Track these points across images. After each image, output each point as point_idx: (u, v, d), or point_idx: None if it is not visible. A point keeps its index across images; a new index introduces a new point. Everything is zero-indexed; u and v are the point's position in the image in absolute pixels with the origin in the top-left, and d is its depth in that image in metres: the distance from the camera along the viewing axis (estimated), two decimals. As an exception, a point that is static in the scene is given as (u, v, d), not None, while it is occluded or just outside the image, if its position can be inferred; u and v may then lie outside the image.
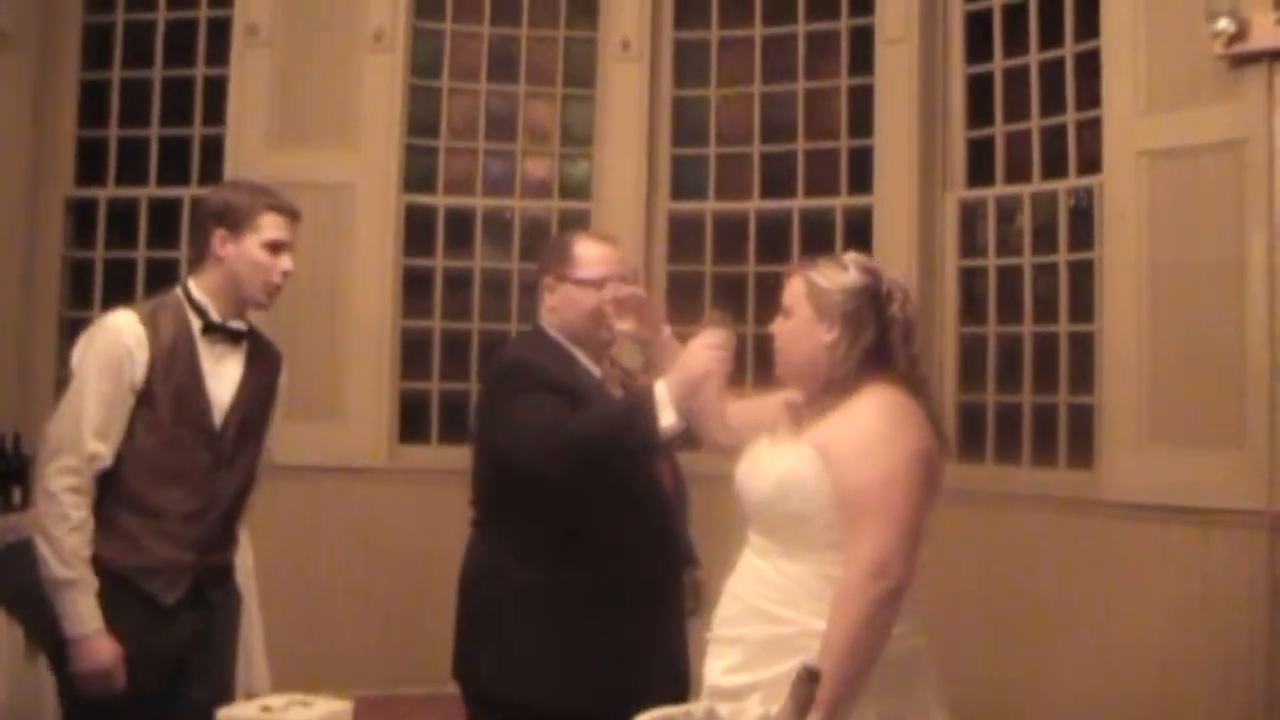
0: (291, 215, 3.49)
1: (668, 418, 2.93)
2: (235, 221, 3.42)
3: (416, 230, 6.86)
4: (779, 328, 2.83)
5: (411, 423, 6.79)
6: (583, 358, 3.29)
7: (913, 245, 6.43)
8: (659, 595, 3.13)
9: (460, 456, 6.19)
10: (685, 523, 3.44)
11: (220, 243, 3.44)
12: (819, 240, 6.69)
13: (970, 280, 6.57)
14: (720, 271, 6.95)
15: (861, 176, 6.68)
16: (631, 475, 3.12)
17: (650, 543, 3.17)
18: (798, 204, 6.94)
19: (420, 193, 6.91)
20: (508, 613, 3.14)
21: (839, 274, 2.77)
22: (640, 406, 2.92)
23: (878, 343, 2.73)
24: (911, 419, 2.66)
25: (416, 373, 6.84)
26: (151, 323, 3.35)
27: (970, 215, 6.60)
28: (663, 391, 2.95)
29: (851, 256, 2.83)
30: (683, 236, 7.05)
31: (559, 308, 3.31)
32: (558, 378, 3.09)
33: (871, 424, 2.62)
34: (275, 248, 3.45)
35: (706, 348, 2.95)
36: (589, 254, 3.33)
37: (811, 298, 2.76)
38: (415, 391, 6.84)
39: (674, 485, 3.41)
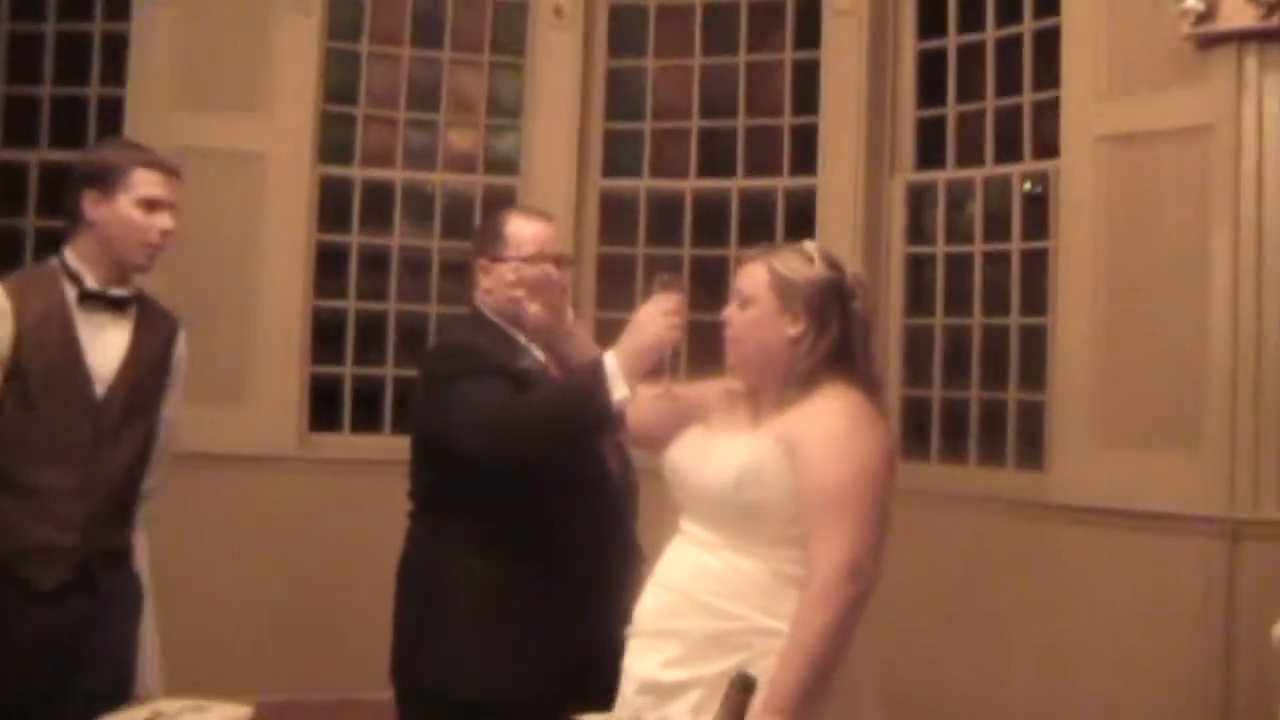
0: (168, 172, 3.44)
1: (620, 390, 2.93)
2: (106, 181, 3.38)
3: (331, 204, 6.84)
4: (736, 317, 2.83)
5: (323, 409, 6.79)
6: (524, 340, 3.30)
7: (858, 230, 6.46)
8: (611, 585, 3.09)
9: (374, 445, 6.58)
10: (635, 511, 3.43)
11: (92, 204, 3.40)
12: (759, 223, 6.71)
13: (917, 268, 6.61)
14: (654, 254, 6.94)
15: (805, 156, 6.71)
16: (584, 459, 3.15)
17: (603, 531, 3.20)
18: (737, 184, 6.96)
19: (336, 164, 6.89)
20: (454, 608, 3.16)
21: (805, 265, 2.80)
22: (591, 380, 2.92)
23: (840, 340, 2.78)
24: (877, 420, 2.74)
25: (329, 356, 6.85)
26: (19, 294, 3.32)
27: (919, 200, 6.64)
28: (613, 363, 2.94)
29: (814, 246, 2.86)
30: (615, 216, 7.08)
31: (494, 289, 3.31)
32: (500, 361, 3.10)
33: (844, 422, 2.68)
34: (151, 205, 3.41)
35: (659, 314, 2.94)
36: (522, 232, 3.33)
37: (776, 288, 2.78)
38: (327, 376, 6.84)
39: (622, 470, 3.39)
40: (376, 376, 6.90)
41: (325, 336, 6.81)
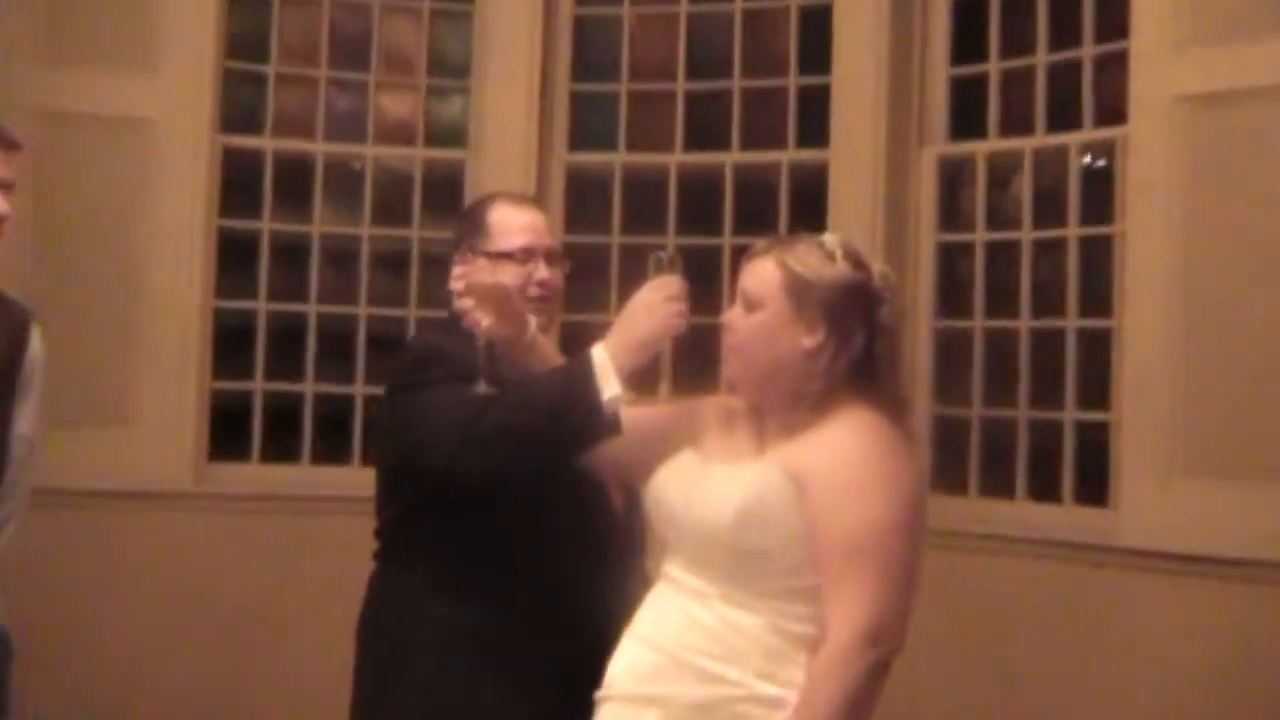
0: (5, 145, 3.45)
1: (611, 388, 2.98)
2: None
3: (236, 183, 6.79)
4: (740, 321, 2.87)
5: (226, 435, 6.74)
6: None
7: (878, 214, 6.42)
8: (609, 638, 3.05)
9: (289, 478, 6.71)
10: (642, 549, 3.41)
11: None
12: (759, 206, 6.66)
13: (951, 260, 6.59)
14: (631, 243, 6.89)
15: (814, 125, 6.68)
16: (574, 481, 3.19)
17: (602, 573, 3.25)
18: (732, 158, 6.94)
19: (242, 133, 6.87)
20: (427, 654, 3.25)
21: (825, 264, 2.83)
22: (576, 377, 2.99)
23: (862, 353, 2.83)
24: (905, 450, 2.80)
25: (234, 369, 6.80)
26: None
27: (953, 177, 6.62)
28: (603, 357, 3.00)
29: (836, 240, 2.89)
30: (584, 198, 7.05)
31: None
32: (476, 368, 3.11)
33: (866, 456, 2.74)
34: None
35: (659, 300, 3.02)
36: (507, 221, 3.44)
37: (790, 290, 2.82)
38: (232, 394, 6.80)
39: (627, 501, 3.44)
40: (294, 394, 6.86)
41: (229, 345, 6.77)
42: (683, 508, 2.82)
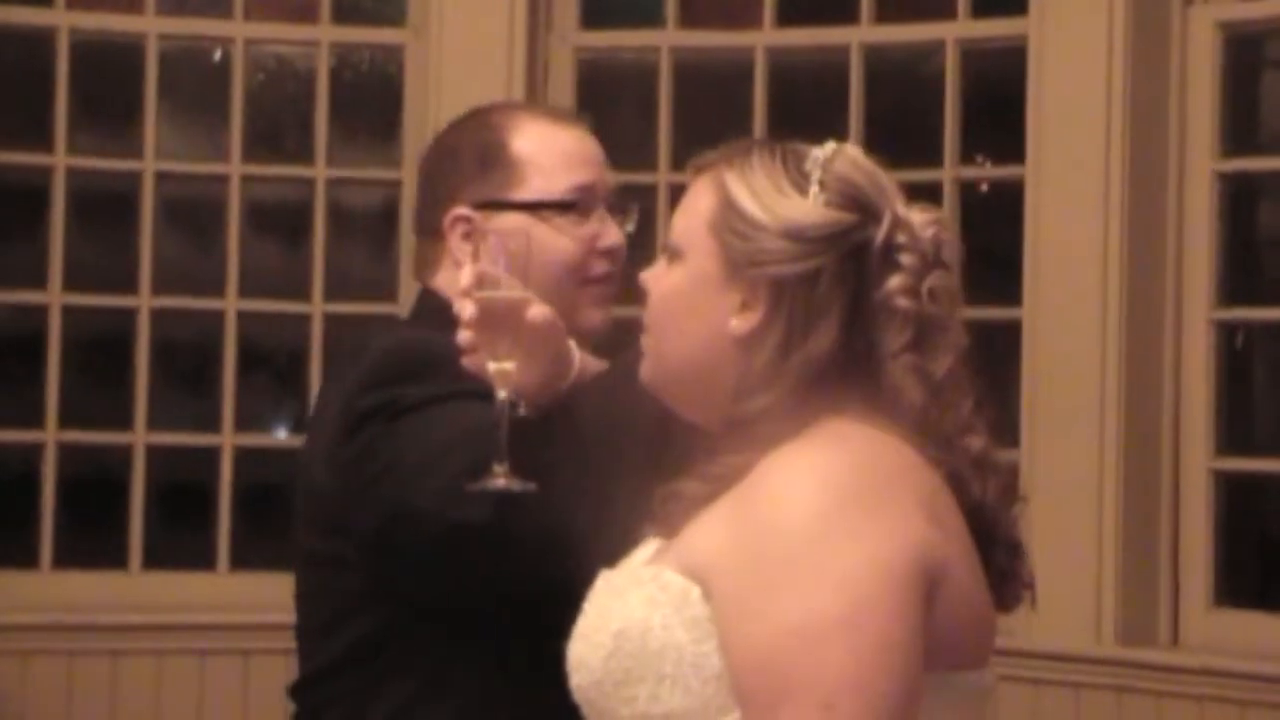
0: None
1: None
2: None
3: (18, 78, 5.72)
4: (653, 279, 2.31)
5: None
6: None
7: (1116, 130, 5.12)
8: None
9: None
10: None
11: None
12: (903, 111, 5.74)
13: (1238, 202, 5.26)
14: (685, 183, 5.19)
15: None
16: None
17: None
18: (859, 35, 5.61)
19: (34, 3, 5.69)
20: None
21: (785, 194, 2.23)
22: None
23: (841, 348, 2.22)
24: (878, 507, 2.14)
25: None
26: None
27: (1242, 61, 5.39)
28: None
29: (833, 153, 2.24)
30: (606, 104, 5.82)
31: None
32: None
33: (798, 514, 2.13)
34: None
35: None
36: (551, 146, 2.85)
37: (719, 233, 2.23)
38: None
39: None
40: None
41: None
42: (572, 637, 2.28)
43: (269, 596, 4.87)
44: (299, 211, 5.66)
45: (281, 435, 5.36)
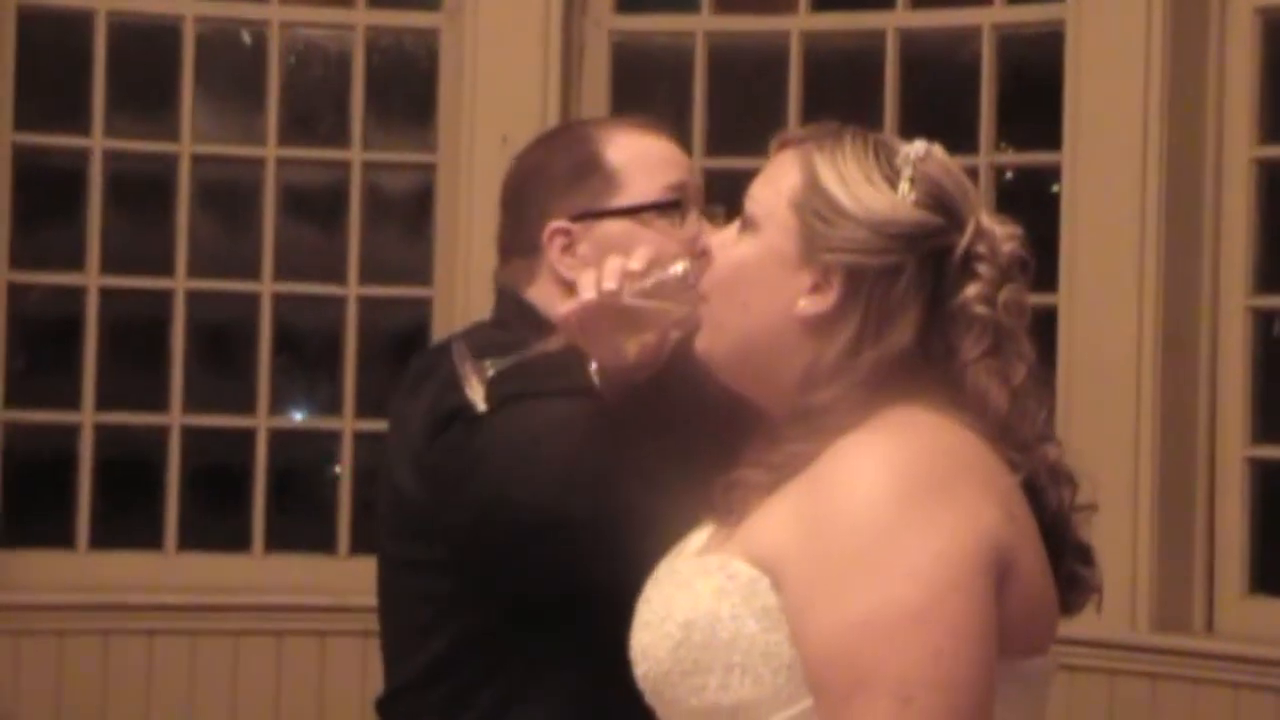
0: None
1: None
2: None
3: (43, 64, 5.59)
4: (722, 249, 2.31)
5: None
6: None
7: (1154, 117, 5.05)
8: None
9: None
10: None
11: None
12: (943, 102, 5.73)
13: (1276, 189, 5.14)
14: (721, 167, 5.51)
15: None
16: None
17: None
18: (895, 20, 5.61)
19: None
20: None
21: (876, 186, 2.24)
22: None
23: (923, 338, 2.22)
24: (953, 499, 2.12)
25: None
26: None
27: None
28: None
29: (923, 151, 2.25)
30: (644, 86, 5.85)
31: (582, 265, 2.84)
32: (582, 379, 2.66)
33: (861, 506, 2.14)
34: None
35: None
36: (644, 153, 2.87)
37: (801, 212, 2.24)
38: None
39: None
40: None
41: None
42: (633, 632, 2.29)
43: (302, 579, 4.94)
44: (334, 195, 5.66)
45: (316, 418, 5.32)
